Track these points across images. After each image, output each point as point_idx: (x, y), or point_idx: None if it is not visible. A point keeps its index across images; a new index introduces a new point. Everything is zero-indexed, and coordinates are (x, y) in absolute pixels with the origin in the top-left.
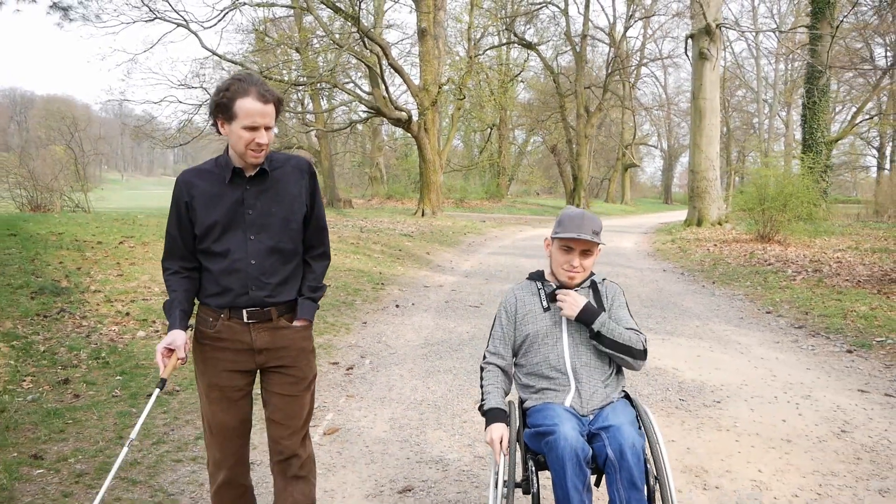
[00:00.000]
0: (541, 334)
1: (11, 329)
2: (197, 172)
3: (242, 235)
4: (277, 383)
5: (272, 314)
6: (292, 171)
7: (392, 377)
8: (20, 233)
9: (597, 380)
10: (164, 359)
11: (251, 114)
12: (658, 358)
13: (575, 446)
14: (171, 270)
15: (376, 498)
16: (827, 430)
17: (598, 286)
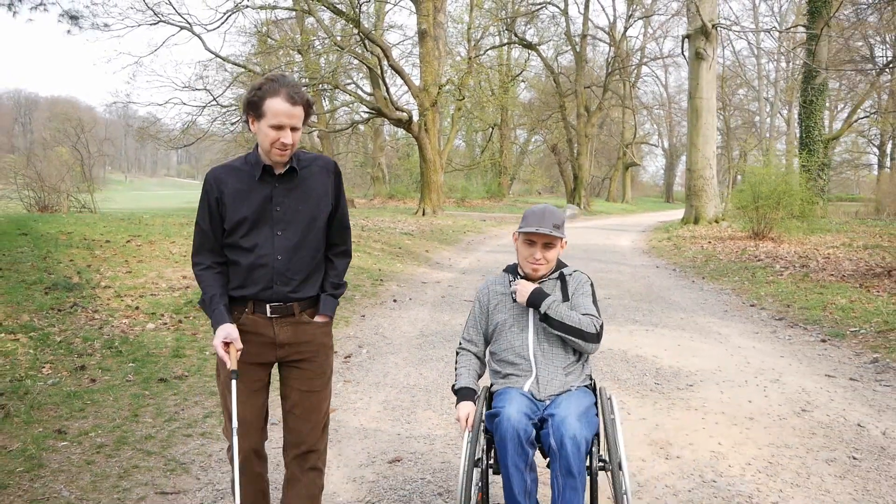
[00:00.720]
0: (508, 323)
1: (28, 321)
2: (226, 169)
3: (270, 231)
4: (297, 378)
5: (295, 309)
6: (319, 171)
7: (387, 365)
8: (31, 232)
9: (556, 367)
10: (226, 352)
11: (278, 114)
12: (640, 346)
13: (517, 427)
14: (203, 265)
15: (369, 467)
16: (788, 410)
17: (566, 277)
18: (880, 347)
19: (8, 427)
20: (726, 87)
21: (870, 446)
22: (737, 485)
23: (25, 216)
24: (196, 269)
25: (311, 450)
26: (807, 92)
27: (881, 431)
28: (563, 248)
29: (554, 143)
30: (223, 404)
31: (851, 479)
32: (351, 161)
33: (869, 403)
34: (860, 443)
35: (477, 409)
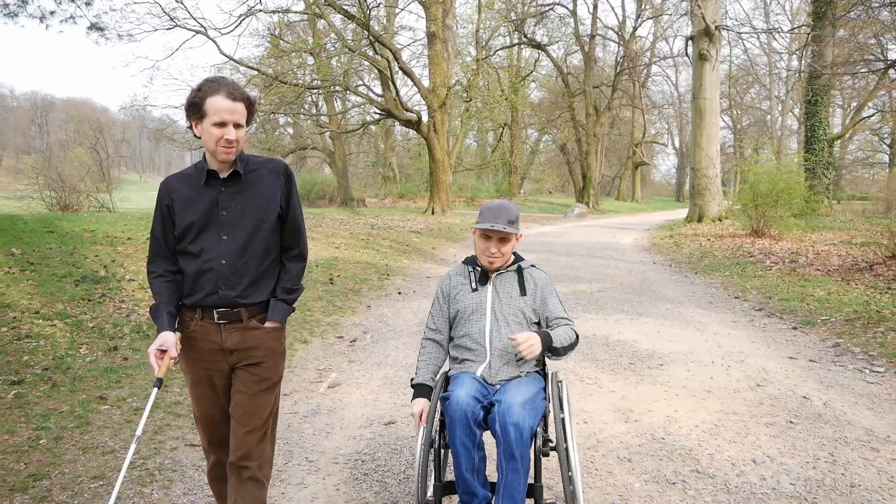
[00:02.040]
0: (468, 311)
1: (63, 310)
2: (178, 177)
3: (216, 236)
4: (242, 381)
5: (242, 315)
6: (268, 174)
7: (389, 348)
8: (57, 230)
9: (510, 354)
10: (158, 360)
11: (220, 110)
12: (622, 332)
13: (465, 409)
14: (155, 274)
15: (367, 428)
16: (745, 385)
17: (523, 272)
18: (844, 334)
19: (56, 394)
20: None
21: (808, 414)
22: (681, 441)
23: (50, 215)
24: (149, 277)
25: (246, 457)
26: (811, 92)
27: (823, 402)
28: (518, 241)
29: (563, 143)
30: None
31: (784, 438)
32: (362, 161)
33: (820, 381)
34: (800, 411)
35: (434, 396)
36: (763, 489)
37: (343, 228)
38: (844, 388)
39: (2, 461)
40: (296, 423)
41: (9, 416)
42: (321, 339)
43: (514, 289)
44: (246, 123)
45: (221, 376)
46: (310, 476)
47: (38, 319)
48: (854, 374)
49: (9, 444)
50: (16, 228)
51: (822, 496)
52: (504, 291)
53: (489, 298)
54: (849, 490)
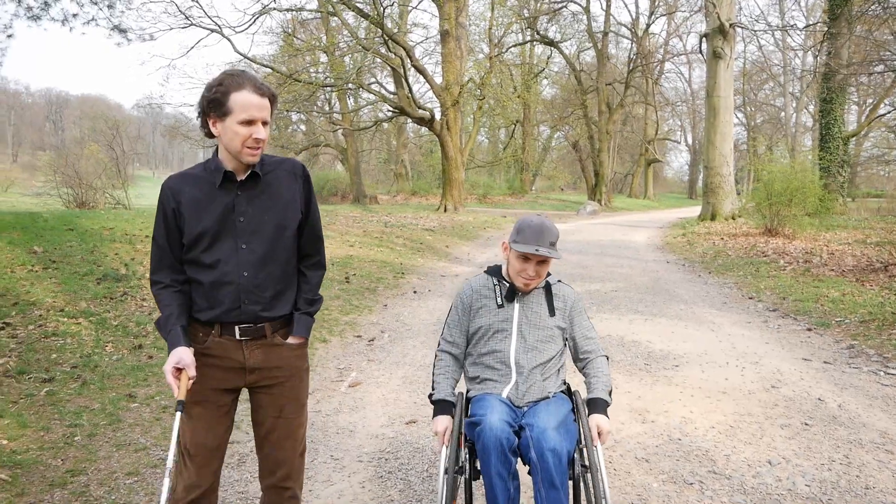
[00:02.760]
0: (492, 329)
1: (86, 308)
2: (183, 177)
3: (233, 244)
4: (270, 405)
5: (266, 330)
6: (286, 175)
7: (406, 347)
8: (76, 228)
9: (537, 375)
10: (175, 380)
11: (248, 107)
12: (636, 333)
13: (500, 436)
14: (161, 284)
15: (389, 427)
16: (759, 386)
17: (551, 288)
18: (859, 335)
19: (87, 392)
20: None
21: (823, 416)
22: (697, 442)
23: (68, 213)
24: (154, 288)
25: (287, 477)
26: (825, 90)
27: (837, 405)
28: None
29: (575, 140)
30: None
31: (799, 439)
32: (374, 158)
33: (835, 382)
34: (815, 413)
35: (455, 419)
36: (779, 490)
37: (356, 226)
38: (859, 391)
39: (40, 457)
40: (319, 421)
41: (43, 414)
42: (340, 339)
43: (542, 308)
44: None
45: (230, 394)
46: (335, 474)
47: (64, 317)
48: (869, 377)
49: (45, 441)
50: (36, 226)
51: (837, 497)
52: (532, 311)
53: (516, 317)
54: (864, 492)
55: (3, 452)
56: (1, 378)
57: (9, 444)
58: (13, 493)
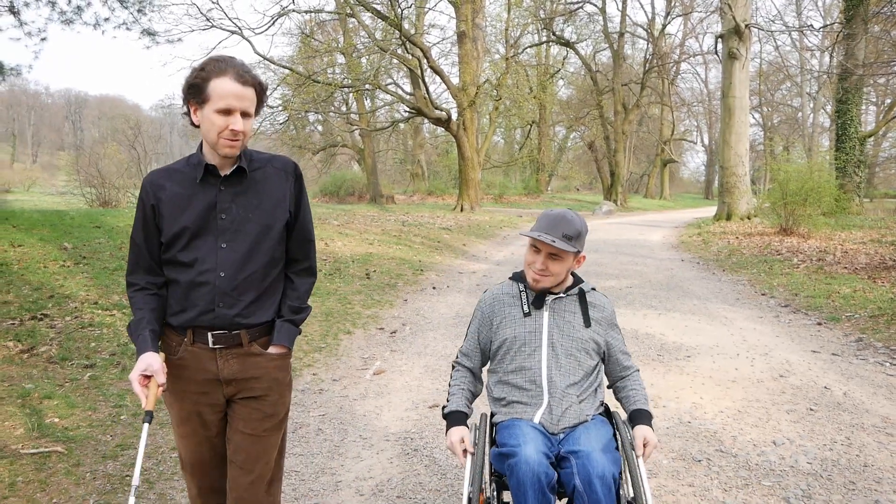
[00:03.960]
0: (518, 341)
1: (119, 301)
2: (165, 172)
3: (213, 243)
4: (243, 418)
5: (242, 338)
6: (275, 172)
7: (427, 339)
8: (103, 225)
9: (572, 395)
10: (143, 388)
11: (226, 95)
12: (650, 326)
13: (537, 471)
14: (136, 287)
15: (413, 411)
16: (768, 376)
17: (585, 296)
18: (868, 329)
19: (126, 377)
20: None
21: (828, 402)
22: (706, 425)
23: (93, 211)
24: (129, 290)
25: None
26: (841, 90)
27: (843, 392)
28: (580, 264)
29: (591, 140)
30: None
31: (803, 423)
32: (391, 158)
33: (841, 373)
34: (821, 399)
35: (480, 441)
36: (782, 467)
37: (374, 225)
38: (864, 380)
39: (90, 433)
40: (347, 405)
41: (88, 396)
42: (363, 330)
43: (576, 318)
44: (255, 112)
45: (214, 411)
46: (364, 451)
47: (98, 310)
48: (875, 367)
49: (94, 419)
50: (64, 224)
51: (837, 474)
52: (564, 320)
53: (545, 327)
54: (862, 469)
55: (57, 429)
56: (46, 364)
57: (60, 422)
58: (70, 463)
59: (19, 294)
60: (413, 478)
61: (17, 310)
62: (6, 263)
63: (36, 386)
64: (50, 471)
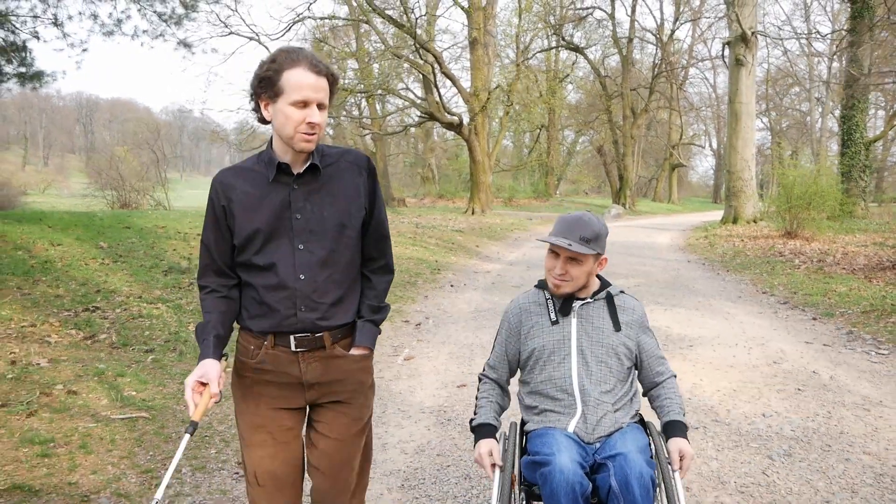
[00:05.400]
0: (547, 350)
1: (161, 295)
2: (235, 171)
3: (289, 245)
4: (327, 422)
5: (325, 340)
6: (348, 168)
7: (449, 330)
8: (132, 226)
9: (607, 403)
10: (196, 395)
11: (302, 87)
12: (656, 320)
13: (572, 480)
14: (207, 289)
15: (443, 390)
16: (763, 362)
17: (613, 299)
18: (859, 323)
19: (184, 360)
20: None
21: (815, 384)
22: (705, 400)
23: (119, 213)
24: (201, 293)
25: None
26: (845, 96)
27: (829, 376)
28: (602, 267)
29: (600, 145)
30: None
31: (791, 400)
32: (402, 161)
33: (830, 360)
34: (809, 382)
35: (510, 450)
36: (768, 433)
37: (389, 227)
38: (850, 366)
39: (166, 403)
40: (384, 384)
41: (154, 374)
42: (390, 323)
43: (605, 322)
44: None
45: (292, 416)
46: (404, 421)
47: (143, 303)
48: (861, 356)
49: (165, 393)
50: (95, 224)
51: (816, 439)
52: (593, 325)
53: (574, 334)
54: (838, 436)
55: (136, 400)
56: (109, 349)
57: (137, 395)
58: (156, 425)
59: (68, 289)
60: (449, 441)
61: (70, 302)
62: (50, 261)
63: (107, 367)
64: (140, 431)
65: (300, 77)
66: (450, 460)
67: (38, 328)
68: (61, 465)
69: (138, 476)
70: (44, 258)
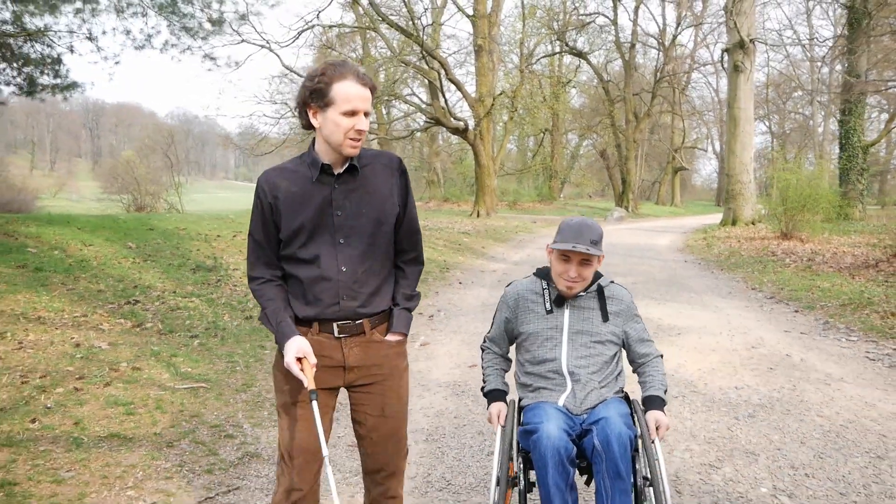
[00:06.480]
0: (540, 336)
1: (193, 291)
2: (280, 171)
3: (331, 240)
4: (370, 403)
5: (365, 327)
6: (383, 169)
7: (460, 321)
8: (155, 228)
9: (594, 381)
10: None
11: (351, 98)
12: (649, 312)
13: (557, 445)
14: (261, 279)
15: (456, 369)
16: (743, 347)
17: (604, 291)
18: (836, 315)
19: (227, 344)
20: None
21: (786, 364)
22: (685, 376)
23: (144, 216)
24: (253, 284)
25: (390, 475)
26: (843, 101)
27: (800, 359)
28: (600, 264)
29: (603, 148)
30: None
31: (762, 377)
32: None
33: (804, 346)
34: (781, 362)
35: (509, 424)
36: (738, 401)
37: None
38: (821, 351)
39: (218, 378)
40: None
41: (203, 355)
42: None
43: (594, 313)
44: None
45: (327, 397)
46: (425, 392)
47: (178, 297)
48: (833, 342)
49: (216, 370)
50: (119, 226)
51: (778, 405)
52: (584, 317)
53: (566, 325)
54: (798, 403)
55: (193, 374)
56: (157, 335)
57: (192, 370)
58: (215, 393)
59: (108, 285)
60: (464, 408)
61: (112, 296)
62: (86, 260)
63: (160, 349)
64: (203, 398)
65: (349, 89)
66: (465, 421)
67: (90, 318)
68: (144, 420)
69: (209, 430)
70: (79, 257)
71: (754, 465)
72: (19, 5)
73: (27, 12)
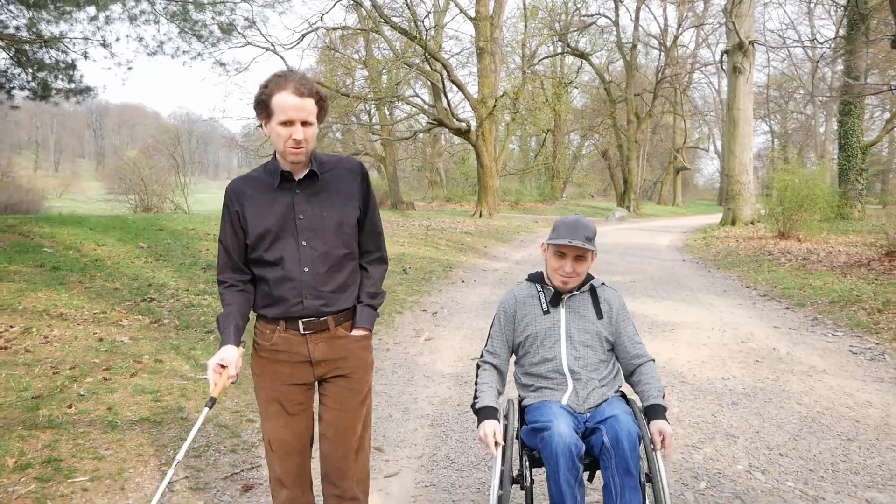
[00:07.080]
0: (540, 336)
1: (205, 289)
2: (246, 180)
3: (294, 242)
4: (332, 395)
5: (329, 324)
6: (344, 174)
7: (463, 318)
8: (164, 228)
9: (594, 380)
10: (216, 375)
11: (286, 108)
12: (645, 310)
13: (569, 442)
14: (225, 284)
15: (460, 362)
16: (732, 342)
17: (596, 291)
18: (825, 312)
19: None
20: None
21: (772, 358)
22: (676, 368)
23: (153, 217)
24: (220, 287)
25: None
26: (840, 103)
27: (787, 352)
28: (594, 260)
29: (605, 149)
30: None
31: (749, 369)
32: (409, 165)
33: (791, 340)
34: (768, 356)
35: (510, 425)
36: (723, 390)
37: (401, 229)
38: (808, 345)
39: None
40: (410, 358)
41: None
42: (410, 311)
43: (589, 311)
44: (318, 120)
45: (303, 394)
46: (430, 383)
47: (191, 295)
48: (819, 337)
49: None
50: (129, 227)
51: (761, 393)
52: (579, 314)
53: (563, 322)
54: (780, 392)
55: None
56: (175, 331)
57: None
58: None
59: (123, 283)
60: (466, 396)
61: (128, 294)
62: (100, 259)
63: (179, 343)
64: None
65: (285, 99)
66: (466, 408)
67: (109, 314)
68: (170, 406)
69: (231, 415)
70: (94, 257)
71: (733, 446)
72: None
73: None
